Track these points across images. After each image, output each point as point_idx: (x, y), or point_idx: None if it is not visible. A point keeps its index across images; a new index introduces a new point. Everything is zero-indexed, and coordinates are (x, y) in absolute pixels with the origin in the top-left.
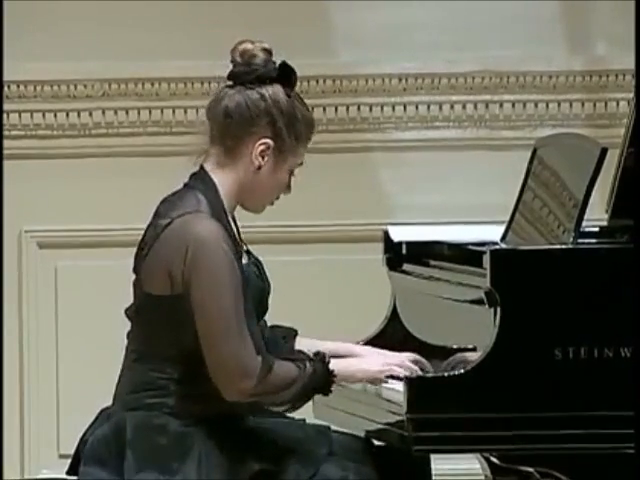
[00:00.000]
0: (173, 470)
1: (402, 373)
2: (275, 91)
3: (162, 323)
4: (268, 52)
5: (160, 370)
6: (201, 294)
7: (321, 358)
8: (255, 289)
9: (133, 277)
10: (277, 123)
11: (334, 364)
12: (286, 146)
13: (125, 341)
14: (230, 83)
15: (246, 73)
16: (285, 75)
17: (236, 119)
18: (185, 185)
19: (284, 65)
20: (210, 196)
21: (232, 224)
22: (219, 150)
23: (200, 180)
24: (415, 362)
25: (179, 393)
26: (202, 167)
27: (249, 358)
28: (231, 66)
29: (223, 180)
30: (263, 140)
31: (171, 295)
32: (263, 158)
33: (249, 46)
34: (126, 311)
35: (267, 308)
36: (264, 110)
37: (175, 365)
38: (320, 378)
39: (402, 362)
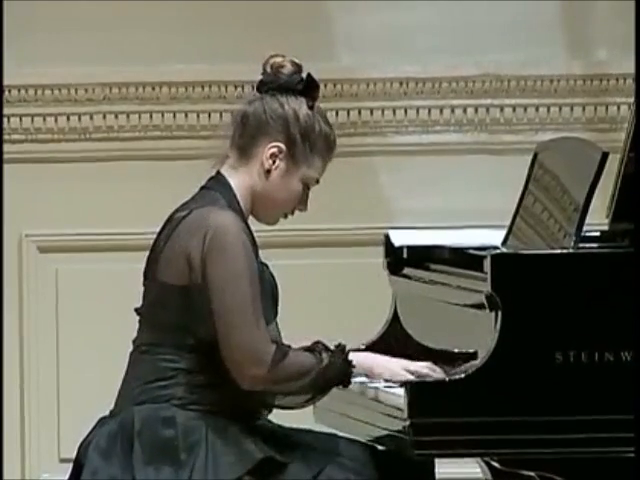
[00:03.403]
0: (181, 462)
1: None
2: (297, 102)
3: (177, 312)
4: (297, 65)
5: (170, 360)
6: (219, 280)
7: (341, 349)
8: (271, 288)
9: (144, 272)
10: (291, 128)
11: (354, 356)
12: (299, 154)
13: (126, 344)
14: (256, 93)
15: (271, 82)
16: (308, 87)
17: (251, 121)
18: (202, 187)
19: (309, 77)
20: (227, 196)
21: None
22: (235, 153)
23: (216, 182)
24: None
25: (188, 384)
26: (218, 171)
27: (263, 345)
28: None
29: (237, 182)
30: (275, 143)
31: (189, 285)
32: (274, 162)
33: (279, 59)
34: (136, 309)
35: (277, 311)
36: (280, 115)
37: (186, 355)
38: (338, 368)
39: (427, 367)
